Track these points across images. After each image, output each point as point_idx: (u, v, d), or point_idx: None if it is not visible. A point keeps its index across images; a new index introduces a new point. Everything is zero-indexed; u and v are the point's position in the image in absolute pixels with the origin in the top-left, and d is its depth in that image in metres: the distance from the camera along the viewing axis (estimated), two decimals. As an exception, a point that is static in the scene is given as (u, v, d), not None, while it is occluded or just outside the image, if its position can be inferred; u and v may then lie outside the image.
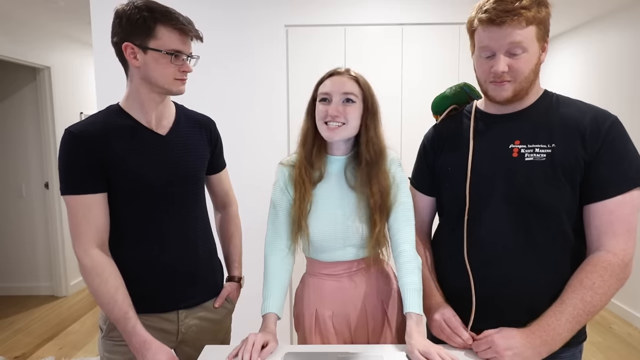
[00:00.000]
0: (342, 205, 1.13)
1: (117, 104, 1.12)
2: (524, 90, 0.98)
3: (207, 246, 1.25)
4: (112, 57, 1.10)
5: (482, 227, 1.02)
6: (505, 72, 0.94)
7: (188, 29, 1.04)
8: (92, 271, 1.01)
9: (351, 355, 0.99)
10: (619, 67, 3.25)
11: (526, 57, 0.93)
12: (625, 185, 0.92)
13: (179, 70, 1.06)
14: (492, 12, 0.90)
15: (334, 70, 1.14)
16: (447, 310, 1.04)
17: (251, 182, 2.40)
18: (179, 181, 1.14)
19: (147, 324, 1.11)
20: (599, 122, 0.94)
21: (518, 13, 0.89)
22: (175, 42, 1.03)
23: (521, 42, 0.91)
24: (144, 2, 1.03)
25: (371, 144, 1.12)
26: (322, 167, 1.16)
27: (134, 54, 1.03)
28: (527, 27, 0.90)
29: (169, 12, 1.03)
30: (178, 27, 1.03)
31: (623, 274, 0.92)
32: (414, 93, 2.51)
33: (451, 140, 1.11)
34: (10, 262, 3.88)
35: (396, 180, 1.14)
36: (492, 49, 0.94)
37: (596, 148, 0.93)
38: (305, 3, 2.47)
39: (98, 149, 1.03)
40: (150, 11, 1.01)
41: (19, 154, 3.81)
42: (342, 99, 1.09)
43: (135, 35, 1.02)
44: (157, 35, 1.01)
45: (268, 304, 1.10)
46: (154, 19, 1.01)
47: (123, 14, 1.03)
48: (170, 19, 1.02)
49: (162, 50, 1.02)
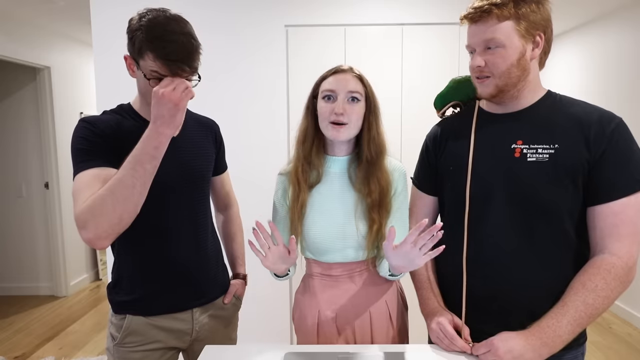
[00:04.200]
0: (343, 205, 1.13)
1: (128, 103, 1.13)
2: (509, 87, 0.98)
3: (215, 245, 1.28)
4: (112, 57, 1.10)
5: (484, 227, 1.01)
6: (481, 66, 0.98)
7: (174, 65, 0.96)
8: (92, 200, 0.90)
9: (351, 355, 0.99)
10: (619, 67, 3.25)
11: (502, 52, 0.95)
12: (631, 187, 0.91)
13: None
14: (470, 13, 0.97)
15: (338, 68, 1.12)
16: (442, 318, 1.02)
17: (251, 182, 2.40)
18: (189, 181, 1.15)
19: (160, 326, 1.12)
20: (604, 123, 0.93)
21: (489, 10, 0.94)
22: (160, 69, 0.97)
23: (494, 38, 0.95)
24: (148, 19, 0.98)
25: (373, 143, 1.11)
26: (321, 167, 1.15)
27: (131, 66, 1.04)
28: (502, 23, 0.94)
29: (164, 37, 0.96)
30: (164, 59, 0.96)
31: (627, 277, 0.91)
32: (414, 93, 2.50)
33: (453, 140, 1.11)
34: (10, 262, 3.88)
35: (398, 191, 1.14)
36: (472, 46, 1.01)
37: (601, 150, 0.92)
38: (305, 3, 2.47)
39: (112, 141, 1.02)
40: (145, 33, 0.96)
41: (19, 154, 3.81)
42: (348, 97, 1.08)
43: (131, 50, 1.01)
44: (144, 58, 0.98)
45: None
46: (145, 42, 0.96)
47: (129, 24, 1.02)
48: (157, 49, 0.95)
49: (145, 74, 0.99)
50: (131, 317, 1.11)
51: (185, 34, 0.99)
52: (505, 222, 0.99)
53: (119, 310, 1.13)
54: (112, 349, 1.13)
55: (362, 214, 1.10)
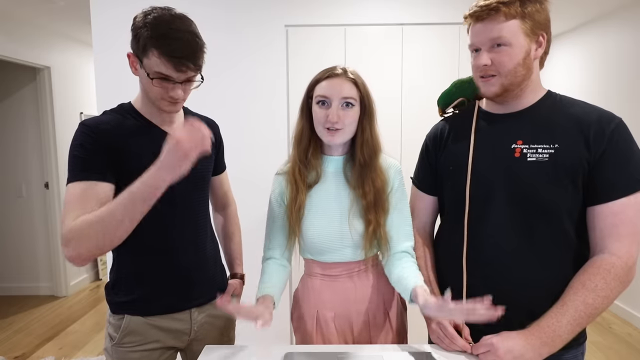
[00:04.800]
0: (339, 205, 1.13)
1: (129, 102, 1.12)
2: (514, 86, 0.98)
3: (213, 246, 1.28)
4: (112, 57, 1.10)
5: (483, 227, 1.01)
6: (487, 65, 0.97)
7: (179, 62, 0.97)
8: (82, 222, 0.91)
9: (351, 355, 0.99)
10: (619, 67, 3.25)
11: (509, 50, 0.95)
12: (631, 187, 0.91)
13: (167, 93, 1.02)
14: (476, 11, 0.97)
15: (331, 72, 1.10)
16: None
17: (251, 181, 2.39)
18: (190, 183, 1.14)
19: (158, 326, 1.12)
20: (604, 124, 0.93)
21: (496, 8, 0.93)
22: (164, 69, 0.98)
23: (501, 36, 0.94)
24: (153, 16, 0.98)
25: (366, 146, 1.11)
26: (319, 167, 1.15)
27: (135, 64, 1.03)
28: (509, 22, 0.94)
29: (168, 35, 0.96)
30: (168, 56, 0.96)
31: (626, 277, 0.92)
32: (414, 93, 2.50)
33: (453, 140, 1.11)
34: (10, 262, 3.88)
35: (394, 187, 1.13)
36: (477, 45, 0.99)
37: (600, 150, 0.92)
38: (305, 3, 2.47)
39: (112, 143, 1.02)
40: (152, 29, 0.96)
41: (19, 154, 3.81)
42: (342, 103, 1.08)
43: (135, 48, 1.01)
44: (148, 56, 0.97)
45: (263, 288, 1.08)
46: (150, 39, 0.96)
47: (133, 22, 1.01)
48: (163, 46, 0.95)
49: (148, 73, 0.99)
50: (129, 317, 1.11)
51: (190, 32, 1.00)
52: (505, 222, 0.99)
53: (117, 311, 1.13)
54: (110, 350, 1.13)
55: (358, 214, 1.11)
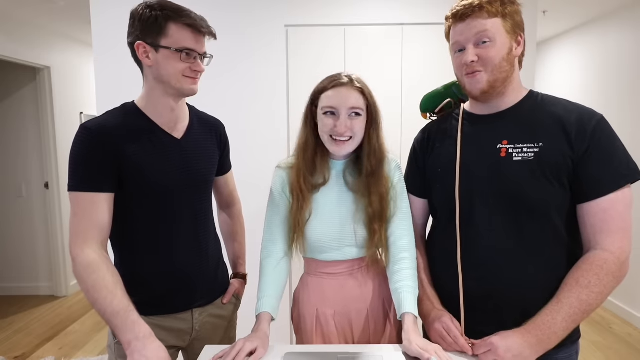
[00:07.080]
0: (340, 208, 1.13)
1: (132, 102, 1.11)
2: (499, 82, 0.99)
3: (216, 247, 1.28)
4: (112, 57, 1.10)
5: (474, 227, 1.02)
6: (474, 61, 0.98)
7: (200, 25, 1.03)
8: (89, 268, 0.96)
9: (351, 355, 0.99)
10: (619, 67, 3.25)
11: (494, 45, 0.97)
12: (617, 182, 0.92)
13: (190, 68, 1.05)
14: (459, 10, 0.99)
15: (337, 81, 1.09)
16: (445, 317, 1.03)
17: (251, 181, 2.39)
18: (192, 185, 1.15)
19: (161, 325, 1.12)
20: (585, 121, 0.95)
21: (480, 6, 0.97)
22: (186, 40, 1.02)
23: (486, 32, 0.97)
24: (157, 1, 1.03)
25: (373, 155, 1.12)
26: (327, 172, 1.15)
27: (147, 53, 1.03)
28: (492, 19, 0.97)
29: (181, 9, 1.03)
30: (189, 24, 1.02)
31: (620, 272, 0.92)
32: (414, 93, 2.50)
33: (440, 142, 1.13)
34: (10, 262, 3.88)
35: (394, 183, 1.14)
36: (462, 43, 1.01)
37: (584, 148, 0.93)
38: (305, 3, 2.47)
39: (114, 147, 1.01)
40: (162, 9, 1.01)
41: (19, 154, 3.81)
42: (350, 114, 1.08)
43: (148, 34, 1.02)
44: (168, 33, 1.01)
45: (262, 304, 1.09)
46: (165, 16, 1.00)
47: (136, 14, 1.03)
48: (182, 16, 1.01)
49: (172, 47, 1.01)
50: None
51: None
52: (495, 222, 1.00)
53: None
54: (113, 347, 1.13)
55: (362, 221, 1.11)
